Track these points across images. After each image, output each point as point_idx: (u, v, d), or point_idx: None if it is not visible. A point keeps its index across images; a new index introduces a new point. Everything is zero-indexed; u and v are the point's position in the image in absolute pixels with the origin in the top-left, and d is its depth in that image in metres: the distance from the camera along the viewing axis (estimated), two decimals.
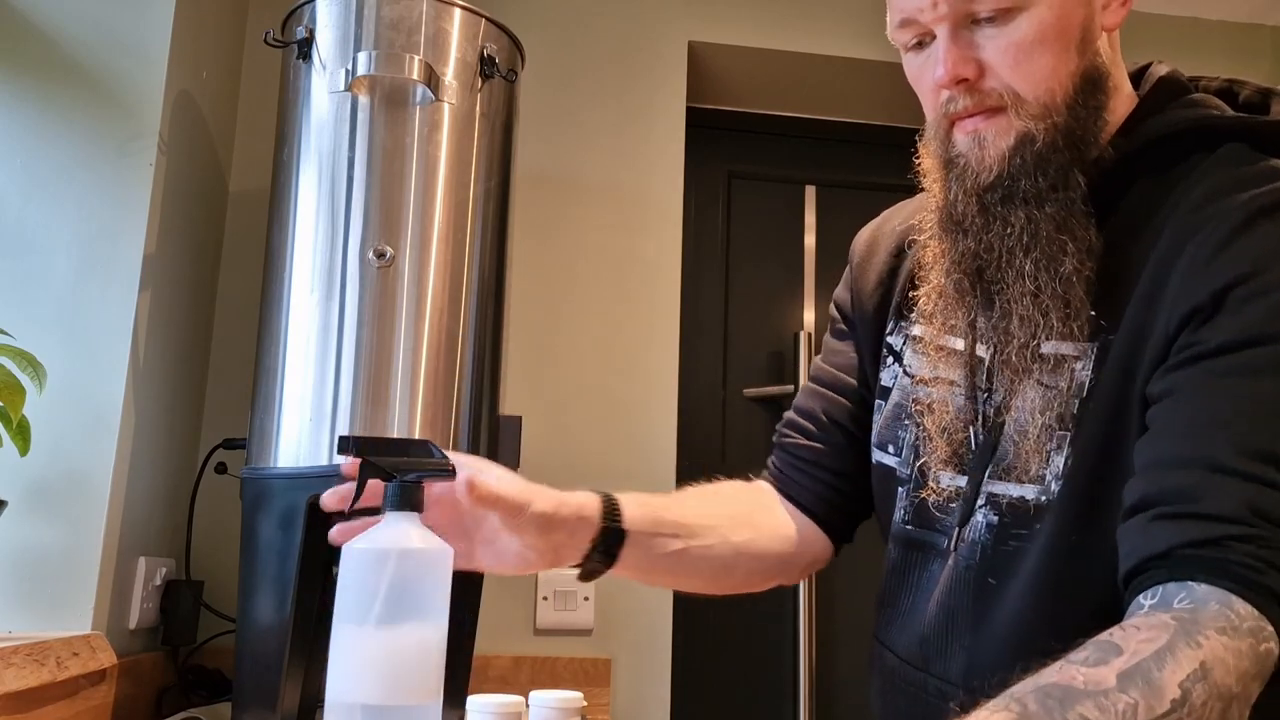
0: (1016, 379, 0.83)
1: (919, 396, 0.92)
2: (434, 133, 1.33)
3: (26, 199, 1.32)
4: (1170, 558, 0.68)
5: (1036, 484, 0.81)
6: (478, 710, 1.16)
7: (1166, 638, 0.63)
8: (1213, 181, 0.79)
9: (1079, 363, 0.80)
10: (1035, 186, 0.81)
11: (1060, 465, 0.80)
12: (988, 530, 0.84)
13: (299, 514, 1.21)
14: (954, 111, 0.84)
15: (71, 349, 1.30)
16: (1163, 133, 0.83)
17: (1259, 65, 2.24)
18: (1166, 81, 0.87)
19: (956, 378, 0.89)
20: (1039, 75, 0.81)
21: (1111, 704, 0.60)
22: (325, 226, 1.29)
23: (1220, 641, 0.63)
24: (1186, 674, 0.62)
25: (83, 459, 1.28)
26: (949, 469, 0.88)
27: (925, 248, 0.91)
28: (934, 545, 0.90)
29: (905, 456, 0.93)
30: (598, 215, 1.88)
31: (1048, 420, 0.81)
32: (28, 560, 1.24)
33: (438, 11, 1.35)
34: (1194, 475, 0.69)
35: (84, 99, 1.36)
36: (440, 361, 1.29)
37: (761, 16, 2.03)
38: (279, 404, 1.26)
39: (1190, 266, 0.75)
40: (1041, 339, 0.82)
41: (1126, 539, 0.71)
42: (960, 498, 0.87)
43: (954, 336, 0.89)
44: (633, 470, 1.78)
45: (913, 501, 0.92)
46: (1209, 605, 0.65)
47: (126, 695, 1.31)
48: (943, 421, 0.89)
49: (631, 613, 1.75)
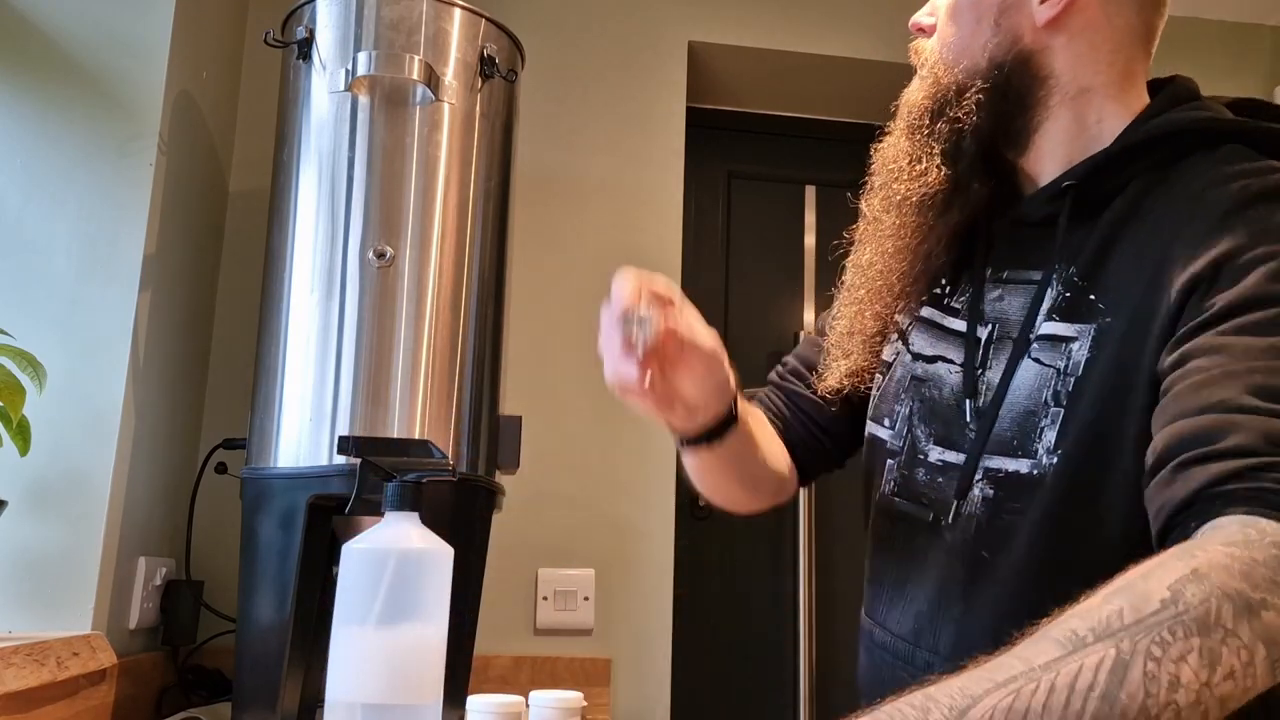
0: (1014, 357, 0.86)
1: (918, 373, 0.95)
2: (434, 133, 1.33)
3: (26, 199, 1.32)
4: (1196, 503, 0.67)
5: (1030, 458, 0.83)
6: (478, 710, 1.16)
7: (1160, 560, 0.62)
8: (1210, 174, 0.82)
9: (1076, 343, 0.83)
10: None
11: (1052, 440, 0.82)
12: (983, 504, 0.86)
13: (299, 514, 1.21)
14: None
15: (71, 349, 1.30)
16: (1166, 130, 0.86)
17: (1259, 65, 2.24)
18: (1177, 88, 0.91)
19: (955, 355, 0.92)
20: (946, 38, 0.94)
21: (1095, 615, 0.59)
22: (325, 226, 1.29)
23: (1223, 551, 0.61)
24: (1175, 578, 0.59)
25: (83, 459, 1.28)
26: (941, 445, 0.91)
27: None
28: (920, 519, 0.92)
29: (899, 429, 0.96)
30: (598, 215, 1.88)
31: (1044, 397, 0.83)
32: (28, 560, 1.24)
33: (438, 11, 1.35)
34: (1209, 419, 0.69)
35: (84, 99, 1.36)
36: (440, 361, 1.28)
37: (761, 16, 2.03)
38: (279, 404, 1.26)
39: (1189, 244, 0.78)
40: (1040, 320, 0.86)
41: (1153, 500, 0.71)
42: (952, 473, 0.89)
43: (955, 318, 0.94)
44: (633, 470, 1.78)
45: (903, 474, 0.95)
46: (1226, 529, 0.64)
47: (126, 695, 1.31)
48: (939, 397, 0.92)
49: (631, 613, 1.75)
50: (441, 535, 0.92)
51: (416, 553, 0.88)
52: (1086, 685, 0.55)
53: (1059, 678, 0.55)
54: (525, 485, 1.68)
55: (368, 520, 0.99)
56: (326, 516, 1.26)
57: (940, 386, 0.93)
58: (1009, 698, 0.55)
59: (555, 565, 1.74)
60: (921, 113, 0.94)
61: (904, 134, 0.96)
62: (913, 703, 0.56)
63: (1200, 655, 0.57)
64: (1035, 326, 0.86)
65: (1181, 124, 0.86)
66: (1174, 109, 0.89)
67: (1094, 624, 0.58)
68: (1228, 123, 0.86)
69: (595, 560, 1.75)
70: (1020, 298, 0.90)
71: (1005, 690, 0.55)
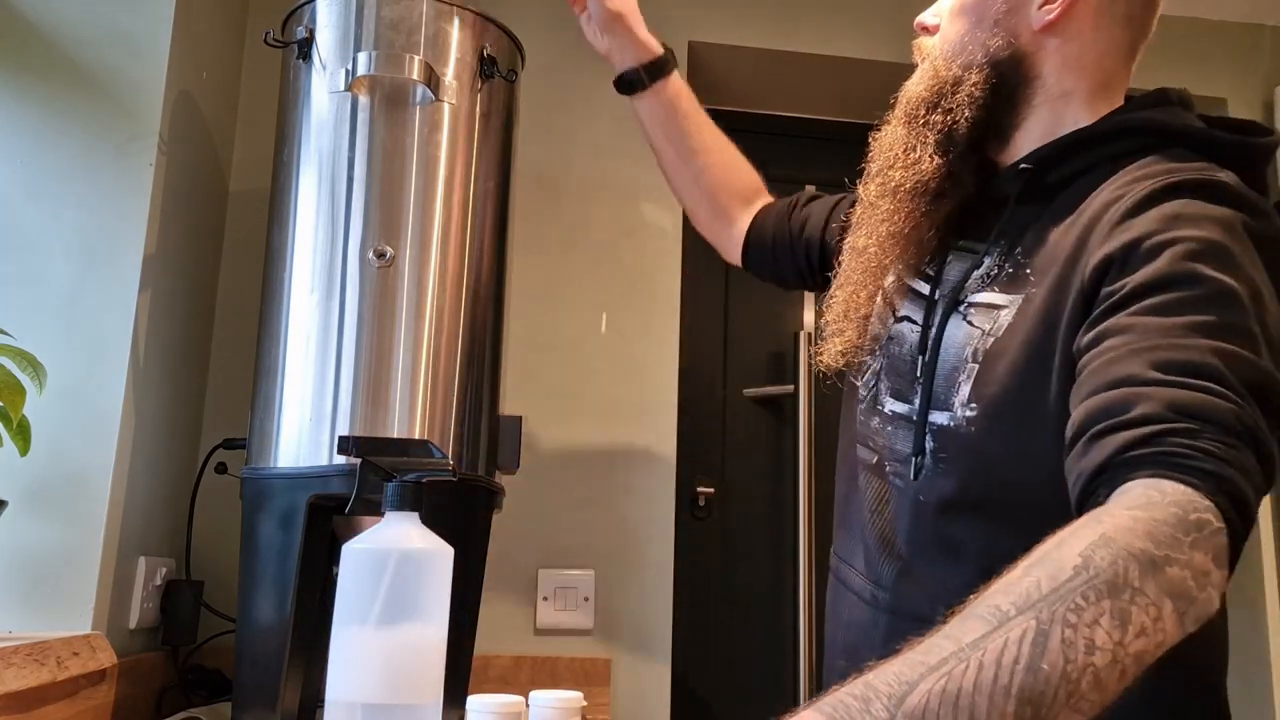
0: (943, 318, 0.95)
1: (890, 332, 1.03)
2: (434, 133, 1.33)
3: (26, 199, 1.32)
4: (1108, 470, 0.71)
5: (948, 411, 0.92)
6: (478, 710, 1.16)
7: (1073, 529, 0.65)
8: (1144, 168, 0.88)
9: (1005, 310, 0.90)
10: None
11: (967, 393, 0.90)
12: (927, 454, 0.94)
13: (299, 514, 1.21)
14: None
15: (71, 349, 1.30)
16: (1117, 127, 0.93)
17: (1259, 65, 2.24)
18: (1155, 92, 0.97)
19: (917, 316, 1.00)
20: (948, 35, 1.01)
21: (1017, 588, 0.62)
22: (325, 226, 1.29)
23: (1128, 515, 0.65)
24: (1086, 544, 0.63)
25: (83, 459, 1.28)
26: (895, 397, 1.00)
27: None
28: (875, 465, 1.01)
29: (867, 380, 1.05)
30: (598, 215, 1.88)
31: (966, 354, 0.91)
32: (28, 560, 1.24)
33: (438, 11, 1.35)
34: (1118, 393, 0.73)
35: (84, 99, 1.36)
36: (440, 361, 1.28)
37: (761, 16, 2.03)
38: (279, 404, 1.26)
39: (1108, 226, 0.84)
40: (974, 286, 0.94)
41: (1071, 470, 0.75)
42: (900, 423, 0.98)
43: (924, 282, 1.02)
44: (633, 470, 1.78)
45: (863, 421, 1.04)
46: (1132, 493, 0.67)
47: (126, 695, 1.31)
48: (899, 353, 1.01)
49: (631, 613, 1.75)
50: (441, 535, 0.92)
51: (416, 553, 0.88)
52: (1012, 659, 0.58)
53: (986, 655, 0.58)
54: (525, 485, 1.68)
55: (368, 520, 0.99)
56: (326, 516, 1.25)
57: (902, 344, 1.01)
58: (942, 680, 0.58)
59: (555, 565, 1.74)
60: (919, 103, 1.00)
61: (901, 123, 1.02)
62: (854, 693, 0.58)
63: (1112, 616, 0.60)
64: (965, 289, 0.95)
65: (1133, 123, 0.93)
66: (1143, 109, 0.95)
67: (1015, 597, 0.61)
68: (1175, 125, 0.92)
69: (595, 560, 1.75)
70: (964, 264, 0.98)
71: (938, 674, 0.58)
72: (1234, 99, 2.21)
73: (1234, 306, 0.75)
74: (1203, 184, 0.83)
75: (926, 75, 1.02)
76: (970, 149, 0.98)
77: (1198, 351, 0.72)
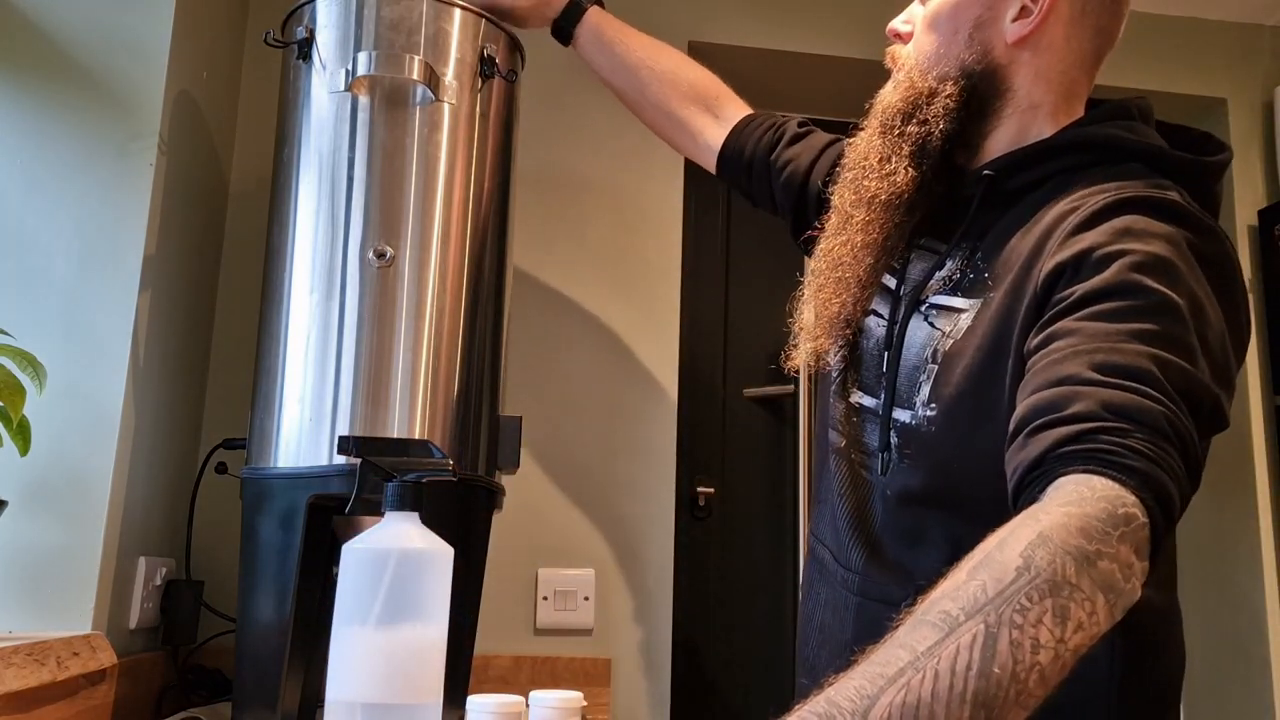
0: (905, 317, 0.99)
1: (862, 325, 1.07)
2: (434, 133, 1.33)
3: (26, 199, 1.32)
4: (1043, 464, 0.74)
5: (910, 409, 0.95)
6: (478, 710, 1.16)
7: (1012, 528, 0.68)
8: (1099, 183, 0.91)
9: (965, 314, 0.94)
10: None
11: (927, 393, 0.94)
12: (893, 449, 0.98)
13: (299, 514, 1.21)
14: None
15: (71, 349, 1.30)
16: (1077, 140, 0.96)
17: (1259, 65, 2.24)
18: (1114, 106, 1.01)
19: (884, 311, 1.04)
20: (923, 47, 1.03)
21: (964, 592, 0.64)
22: (325, 226, 1.29)
23: (1061, 512, 0.68)
24: (1025, 544, 0.65)
25: (83, 459, 1.28)
26: (860, 389, 1.04)
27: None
28: (842, 450, 1.05)
29: (836, 364, 1.09)
30: (598, 215, 1.88)
31: (926, 354, 0.94)
32: (28, 560, 1.24)
33: (438, 11, 1.35)
34: (1056, 391, 0.77)
35: (84, 99, 1.36)
36: (440, 361, 1.28)
37: (761, 16, 2.03)
38: (279, 404, 1.26)
39: (1062, 236, 0.87)
40: (935, 287, 0.98)
41: (1009, 462, 0.78)
42: (866, 415, 1.02)
43: (893, 277, 1.05)
44: (633, 470, 1.78)
45: (835, 407, 1.08)
46: (1065, 489, 0.70)
47: (126, 695, 1.31)
48: (867, 346, 1.05)
49: (631, 613, 1.75)
50: (441, 535, 0.92)
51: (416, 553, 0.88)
52: (965, 665, 0.60)
53: (940, 662, 0.61)
54: (525, 485, 1.68)
55: (368, 520, 0.99)
56: (326, 516, 1.25)
57: (870, 337, 1.04)
58: (901, 693, 0.60)
59: (555, 565, 1.74)
60: (895, 114, 1.03)
61: (877, 133, 1.04)
62: (816, 710, 0.60)
63: (1054, 615, 0.63)
64: (927, 288, 0.98)
65: (1091, 138, 0.96)
66: (1098, 124, 0.98)
67: (963, 602, 0.63)
68: (1131, 142, 0.95)
69: (595, 560, 1.75)
70: (926, 263, 1.01)
71: (897, 685, 0.60)
72: (1234, 99, 2.21)
73: (1173, 317, 0.79)
74: (1152, 201, 0.87)
75: (902, 86, 1.04)
76: (942, 160, 1.01)
77: (1135, 356, 0.76)
